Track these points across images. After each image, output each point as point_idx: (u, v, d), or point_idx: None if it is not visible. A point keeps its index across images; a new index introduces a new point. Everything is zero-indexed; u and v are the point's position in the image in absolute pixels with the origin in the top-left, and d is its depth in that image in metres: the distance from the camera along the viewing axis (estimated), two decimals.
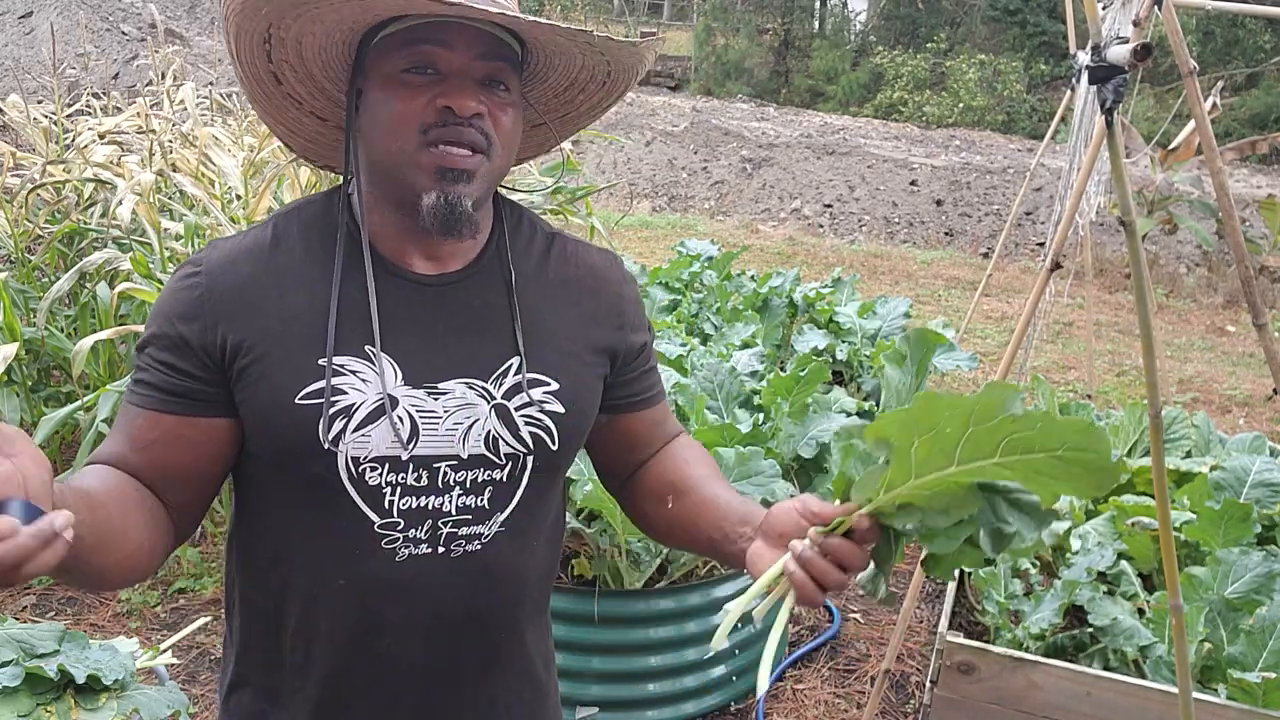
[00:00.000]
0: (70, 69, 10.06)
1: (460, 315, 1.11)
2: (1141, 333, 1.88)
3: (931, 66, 16.64)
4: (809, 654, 3.10)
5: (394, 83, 1.03)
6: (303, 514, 1.09)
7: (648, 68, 1.14)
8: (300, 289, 1.07)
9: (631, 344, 1.23)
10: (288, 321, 1.05)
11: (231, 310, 1.05)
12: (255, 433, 1.07)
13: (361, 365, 1.06)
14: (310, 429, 1.03)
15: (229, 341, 1.05)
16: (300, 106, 1.15)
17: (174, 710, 1.70)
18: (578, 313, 1.18)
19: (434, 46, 1.02)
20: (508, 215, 1.20)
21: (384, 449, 1.06)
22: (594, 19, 20.95)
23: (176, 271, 1.10)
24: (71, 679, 1.60)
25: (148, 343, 1.07)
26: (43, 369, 3.71)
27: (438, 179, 1.03)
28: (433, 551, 1.09)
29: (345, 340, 1.06)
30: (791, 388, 3.23)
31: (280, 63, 1.09)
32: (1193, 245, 8.86)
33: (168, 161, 3.67)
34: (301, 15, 1.01)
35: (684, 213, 10.66)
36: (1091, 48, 1.81)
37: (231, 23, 1.03)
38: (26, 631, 1.66)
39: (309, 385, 1.04)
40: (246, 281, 1.06)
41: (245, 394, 1.05)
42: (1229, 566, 2.52)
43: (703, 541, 1.16)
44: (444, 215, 1.04)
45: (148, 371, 1.06)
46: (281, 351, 1.05)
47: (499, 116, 1.05)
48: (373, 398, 1.05)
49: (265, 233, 1.11)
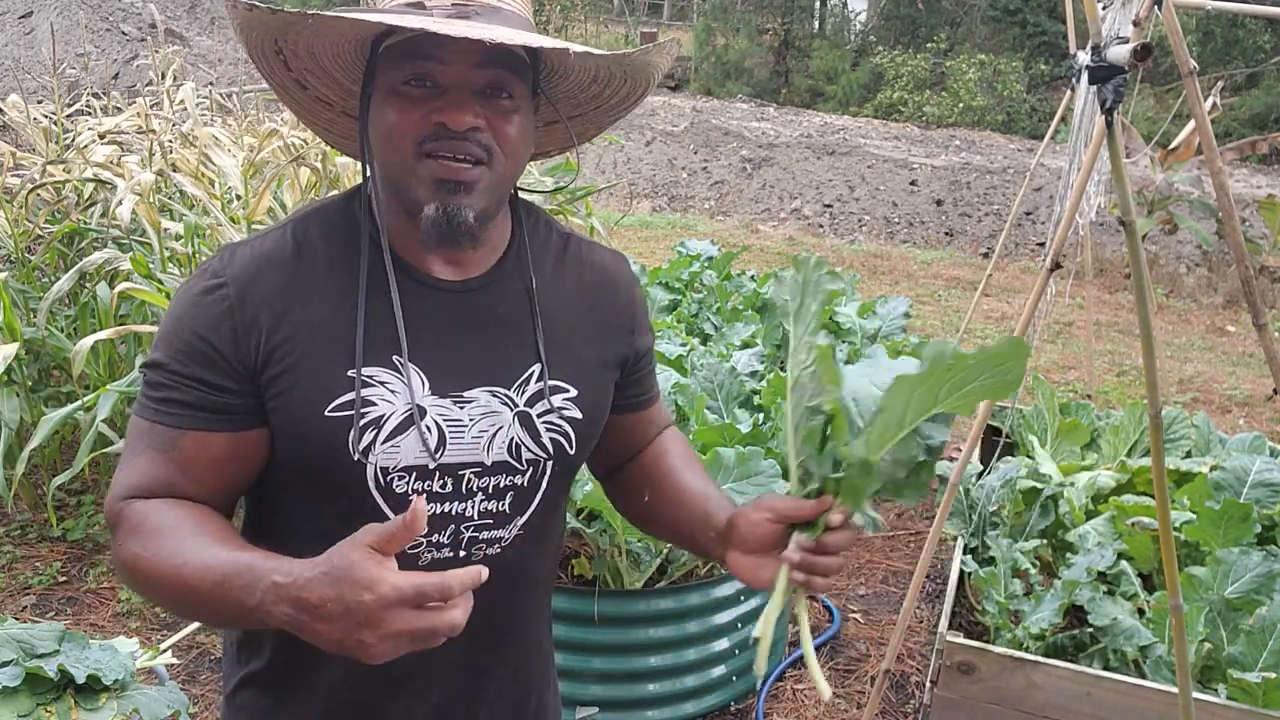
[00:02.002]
0: (70, 69, 10.06)
1: (482, 322, 1.11)
2: (1141, 333, 1.88)
3: (931, 66, 16.63)
4: None
5: (393, 95, 1.03)
6: (325, 520, 1.08)
7: (664, 70, 1.14)
8: (326, 298, 1.06)
9: (639, 348, 1.25)
10: (316, 331, 1.05)
11: (262, 320, 1.04)
12: (284, 442, 1.06)
13: (390, 376, 1.06)
14: (340, 441, 1.03)
15: (261, 351, 1.04)
16: (331, 108, 1.16)
17: (174, 710, 1.70)
18: (594, 318, 1.19)
19: (428, 62, 1.01)
20: (526, 218, 1.19)
21: (413, 459, 1.06)
22: (594, 18, 20.95)
23: (192, 283, 1.07)
24: (71, 679, 1.60)
25: (171, 359, 1.04)
26: (43, 369, 3.70)
27: (436, 191, 1.02)
28: (454, 556, 1.10)
29: (373, 351, 1.06)
30: None
31: (300, 70, 1.09)
32: (1193, 245, 8.86)
33: (168, 161, 3.67)
34: (303, 33, 1.02)
35: (684, 213, 10.66)
36: (1091, 48, 1.81)
37: (240, 38, 1.03)
38: (26, 631, 1.66)
39: (339, 397, 1.04)
40: (275, 290, 1.05)
41: (275, 403, 1.04)
42: (1229, 566, 2.52)
43: (675, 535, 1.22)
44: (442, 227, 1.03)
45: (178, 389, 1.04)
46: (310, 362, 1.04)
47: (500, 126, 1.04)
48: (401, 408, 1.05)
49: (285, 238, 1.09)
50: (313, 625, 0.86)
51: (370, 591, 0.82)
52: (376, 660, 0.86)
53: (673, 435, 1.34)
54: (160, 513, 1.02)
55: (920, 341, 1.02)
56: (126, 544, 1.02)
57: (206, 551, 0.96)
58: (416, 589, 0.83)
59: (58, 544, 3.44)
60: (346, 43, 1.05)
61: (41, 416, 3.16)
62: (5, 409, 3.20)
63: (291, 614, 0.87)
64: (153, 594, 1.01)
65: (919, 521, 4.04)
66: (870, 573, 3.62)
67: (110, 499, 1.06)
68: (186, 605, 0.99)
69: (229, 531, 1.03)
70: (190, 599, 0.97)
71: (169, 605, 1.02)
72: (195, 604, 0.97)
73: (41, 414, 3.27)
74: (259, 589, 0.89)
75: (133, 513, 1.03)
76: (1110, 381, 6.11)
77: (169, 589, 0.98)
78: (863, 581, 3.57)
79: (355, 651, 0.86)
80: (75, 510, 3.60)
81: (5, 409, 3.20)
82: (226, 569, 0.93)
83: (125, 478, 1.05)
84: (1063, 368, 6.35)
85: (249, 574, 0.91)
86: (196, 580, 0.94)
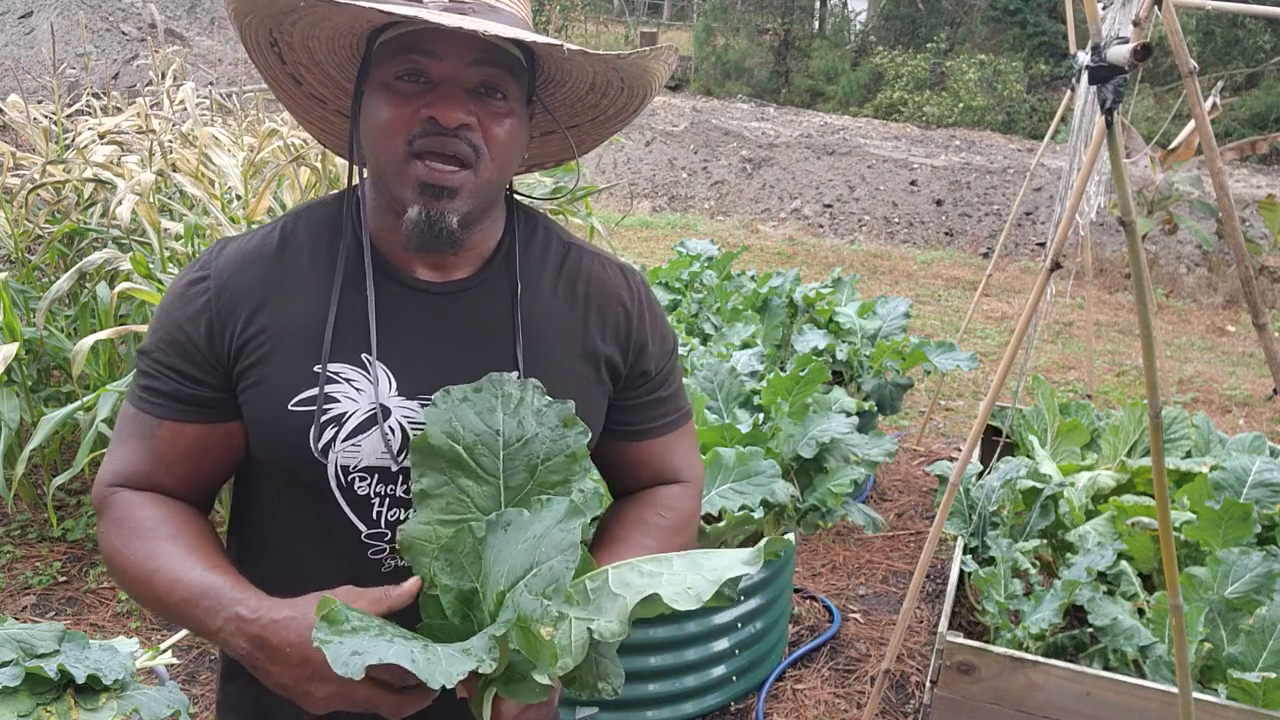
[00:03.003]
0: (70, 69, 10.06)
1: (461, 326, 1.10)
2: (1141, 333, 1.88)
3: (931, 66, 16.62)
4: (809, 654, 3.10)
5: (386, 89, 1.02)
6: (296, 518, 1.09)
7: (663, 79, 1.11)
8: (303, 294, 1.06)
9: (637, 369, 1.19)
10: (288, 326, 1.05)
11: (236, 314, 1.05)
12: (253, 436, 1.07)
13: (356, 374, 1.05)
14: (301, 436, 1.03)
15: (233, 345, 1.04)
16: (326, 105, 1.15)
17: (174, 710, 1.70)
18: (584, 329, 1.15)
19: (422, 56, 1.00)
20: (521, 223, 1.17)
21: (374, 459, 1.05)
22: (593, 18, 20.93)
23: (182, 275, 1.09)
24: (71, 679, 1.60)
25: (155, 347, 1.06)
26: (43, 369, 3.70)
27: (420, 194, 1.01)
28: None
29: (342, 348, 1.05)
30: (791, 388, 3.23)
31: (295, 64, 1.09)
32: (1193, 245, 8.85)
33: (168, 161, 3.67)
34: (298, 22, 1.01)
35: (684, 213, 10.65)
36: (1091, 48, 1.81)
37: (235, 26, 1.03)
38: (26, 631, 1.66)
39: (302, 392, 1.04)
40: (253, 285, 1.06)
41: (245, 396, 1.05)
42: (1229, 566, 2.52)
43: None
44: (424, 231, 1.02)
45: (158, 379, 1.05)
46: (279, 356, 1.04)
47: (490, 127, 1.02)
48: (365, 407, 1.05)
49: (273, 235, 1.10)
50: (266, 665, 0.89)
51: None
52: (317, 712, 0.89)
53: (662, 497, 1.21)
54: (142, 510, 1.03)
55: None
56: (110, 535, 1.04)
57: (180, 563, 0.97)
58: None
59: (58, 544, 3.44)
60: (341, 35, 1.04)
61: (41, 416, 3.16)
62: (5, 409, 3.20)
63: (248, 649, 0.90)
64: (128, 591, 1.03)
65: (919, 521, 4.04)
66: (870, 573, 3.62)
67: (97, 483, 1.08)
68: (156, 611, 1.01)
69: (207, 540, 1.04)
70: (159, 607, 0.99)
71: (143, 606, 1.04)
72: (163, 613, 0.99)
73: (41, 414, 3.28)
74: (221, 616, 0.91)
75: (117, 503, 1.05)
76: (1110, 381, 6.11)
77: (140, 592, 1.00)
78: (863, 581, 3.57)
79: (299, 699, 0.88)
80: (75, 510, 3.60)
81: (5, 409, 3.20)
82: (194, 588, 0.95)
83: (111, 464, 1.07)
84: (1063, 368, 6.35)
85: (214, 599, 0.93)
86: (165, 592, 0.96)
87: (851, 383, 4.16)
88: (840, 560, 3.69)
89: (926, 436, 4.95)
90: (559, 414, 1.03)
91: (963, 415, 5.33)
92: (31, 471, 3.69)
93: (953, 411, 5.40)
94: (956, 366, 3.93)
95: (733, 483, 2.57)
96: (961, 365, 3.92)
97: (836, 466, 2.92)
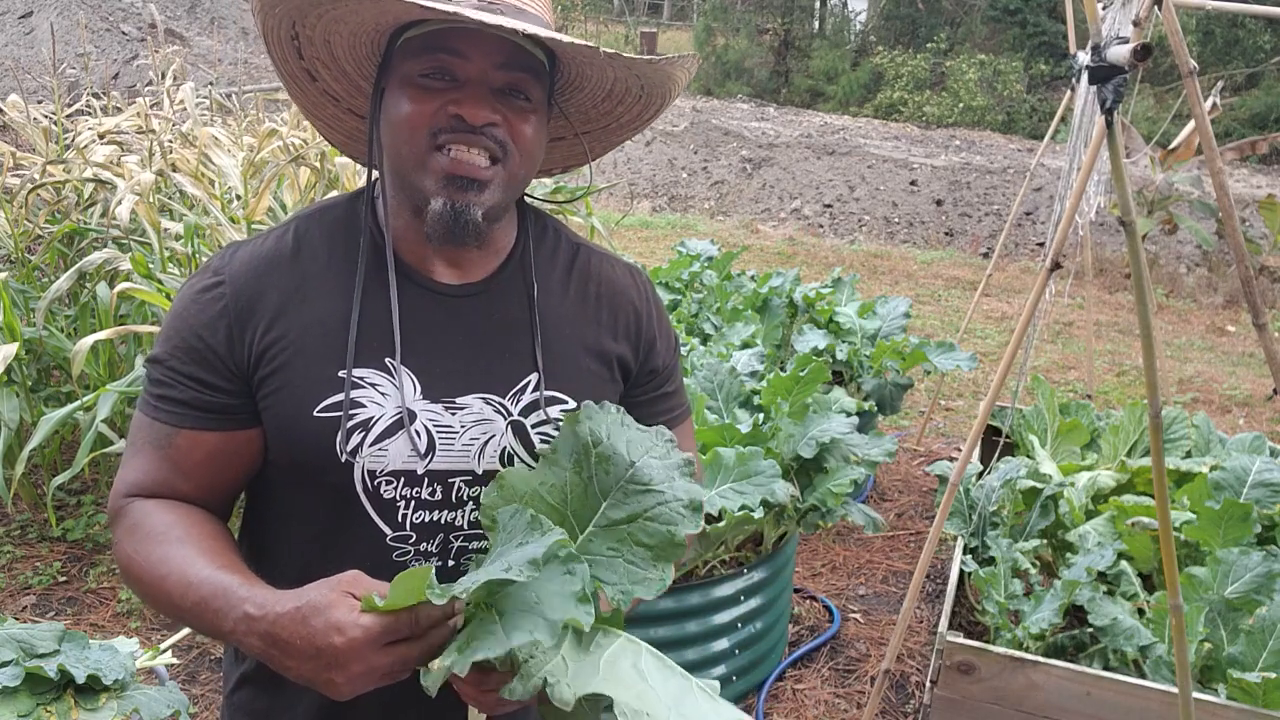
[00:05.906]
0: (70, 69, 10.05)
1: (480, 328, 1.10)
2: (1141, 333, 1.88)
3: (931, 66, 16.62)
4: (809, 654, 3.10)
5: (410, 85, 1.02)
6: (318, 523, 1.08)
7: (681, 89, 1.11)
8: (322, 297, 1.06)
9: (647, 366, 1.21)
10: (309, 330, 1.04)
11: (256, 319, 1.04)
12: (275, 442, 1.06)
13: (381, 378, 1.05)
14: (328, 441, 1.03)
15: (253, 350, 1.04)
16: (338, 104, 1.15)
17: (174, 710, 1.70)
18: (596, 329, 1.16)
19: (450, 56, 1.00)
20: (532, 224, 1.18)
21: (400, 463, 1.05)
22: (593, 18, 20.94)
23: (194, 280, 1.07)
24: (71, 679, 1.59)
25: (170, 355, 1.05)
26: (43, 369, 3.70)
27: (446, 185, 1.01)
28: (443, 564, 1.09)
29: (365, 352, 1.05)
30: (791, 388, 3.23)
31: (312, 60, 1.08)
32: (1193, 245, 8.85)
33: (168, 161, 3.67)
34: (323, 16, 1.01)
35: (684, 213, 10.65)
36: (1091, 48, 1.81)
37: (258, 20, 1.03)
38: (26, 631, 1.66)
39: (328, 398, 1.03)
40: (270, 289, 1.05)
41: (267, 403, 1.04)
42: (1229, 566, 2.52)
43: None
44: (449, 223, 1.02)
45: (174, 387, 1.04)
46: (302, 361, 1.04)
47: (517, 125, 1.03)
48: (391, 411, 1.04)
49: (287, 237, 1.09)
50: (282, 660, 0.88)
51: (340, 634, 0.84)
52: (344, 698, 0.88)
53: None
54: (155, 516, 1.02)
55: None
56: (123, 543, 1.03)
57: (191, 565, 0.97)
58: (385, 629, 0.85)
59: (58, 544, 3.44)
60: (364, 31, 1.04)
61: (41, 416, 3.16)
62: (5, 409, 3.20)
63: (261, 647, 0.89)
64: (143, 597, 1.02)
65: (919, 521, 4.04)
66: (870, 573, 3.62)
67: (113, 495, 1.06)
68: (171, 615, 1.00)
69: (219, 541, 1.03)
70: (173, 611, 0.98)
71: (158, 611, 1.03)
72: (178, 616, 0.98)
73: (41, 414, 3.28)
74: (231, 617, 0.91)
75: (131, 511, 1.04)
76: (1110, 381, 6.11)
77: (154, 596, 0.99)
78: (863, 581, 3.57)
79: (324, 688, 0.88)
80: (75, 510, 3.60)
81: (5, 409, 3.20)
82: (205, 590, 0.94)
83: (126, 475, 1.06)
84: (1063, 368, 6.35)
85: (224, 599, 0.92)
86: (178, 595, 0.96)
87: (851, 383, 4.16)
88: (840, 560, 3.69)
89: (926, 436, 4.95)
90: (688, 493, 0.99)
91: (963, 415, 5.33)
92: (31, 471, 3.69)
93: (953, 411, 5.40)
94: (956, 366, 3.93)
95: (733, 483, 2.57)
96: (961, 365, 3.92)
97: (836, 466, 2.92)
